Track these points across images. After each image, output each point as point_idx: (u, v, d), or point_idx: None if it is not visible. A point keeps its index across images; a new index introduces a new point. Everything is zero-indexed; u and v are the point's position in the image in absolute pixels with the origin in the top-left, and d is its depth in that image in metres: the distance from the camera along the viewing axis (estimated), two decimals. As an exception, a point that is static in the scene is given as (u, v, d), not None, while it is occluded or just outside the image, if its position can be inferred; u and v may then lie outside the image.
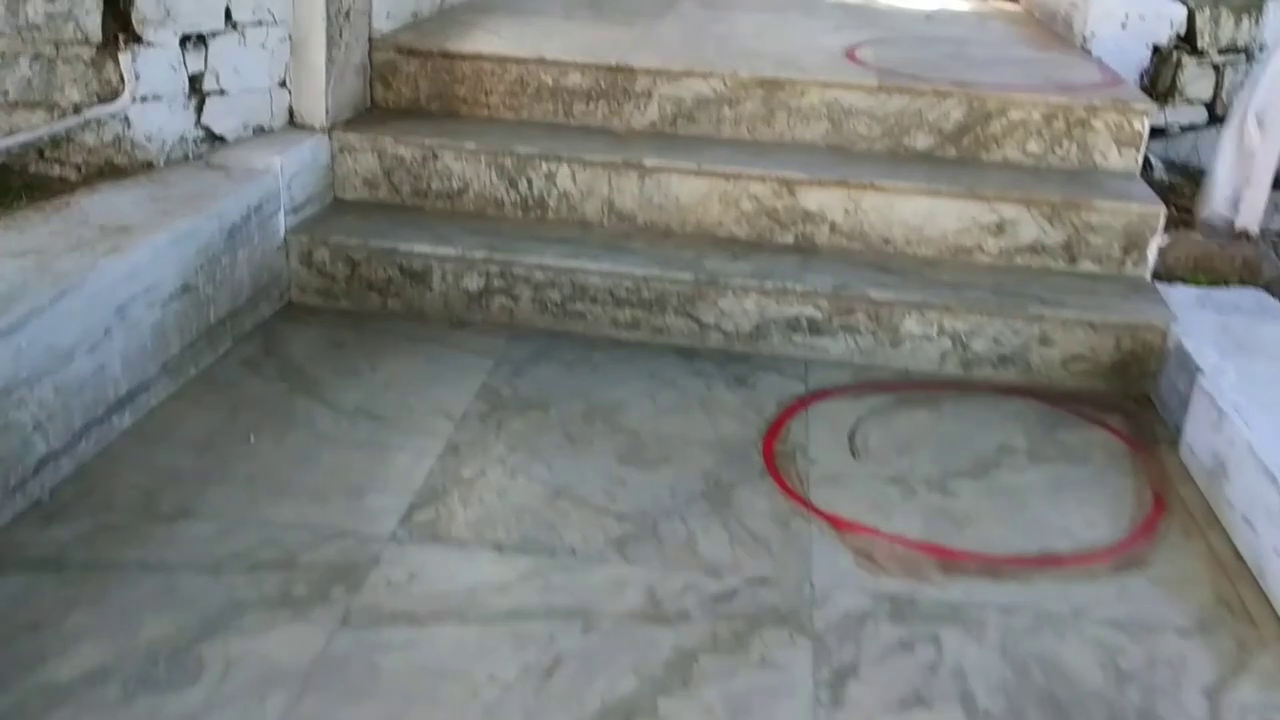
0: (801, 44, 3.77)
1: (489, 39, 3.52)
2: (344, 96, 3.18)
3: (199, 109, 2.82)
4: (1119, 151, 3.14)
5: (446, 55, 3.34)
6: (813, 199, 3.00)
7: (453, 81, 3.34)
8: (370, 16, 3.30)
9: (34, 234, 2.31)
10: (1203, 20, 3.92)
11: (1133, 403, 2.67)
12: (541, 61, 3.31)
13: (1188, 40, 3.92)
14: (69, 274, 2.13)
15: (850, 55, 3.61)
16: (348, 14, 3.13)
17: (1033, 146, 3.17)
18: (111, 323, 2.22)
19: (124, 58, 2.62)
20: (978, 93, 3.18)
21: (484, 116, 3.34)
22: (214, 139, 2.88)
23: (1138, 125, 3.12)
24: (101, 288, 2.19)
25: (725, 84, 3.25)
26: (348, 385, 2.54)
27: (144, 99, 2.68)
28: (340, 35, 3.10)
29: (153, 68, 2.67)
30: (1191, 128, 4.00)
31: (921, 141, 3.21)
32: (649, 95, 3.29)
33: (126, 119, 2.66)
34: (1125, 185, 3.05)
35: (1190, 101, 3.97)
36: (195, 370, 2.52)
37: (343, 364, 2.64)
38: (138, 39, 2.63)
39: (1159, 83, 3.93)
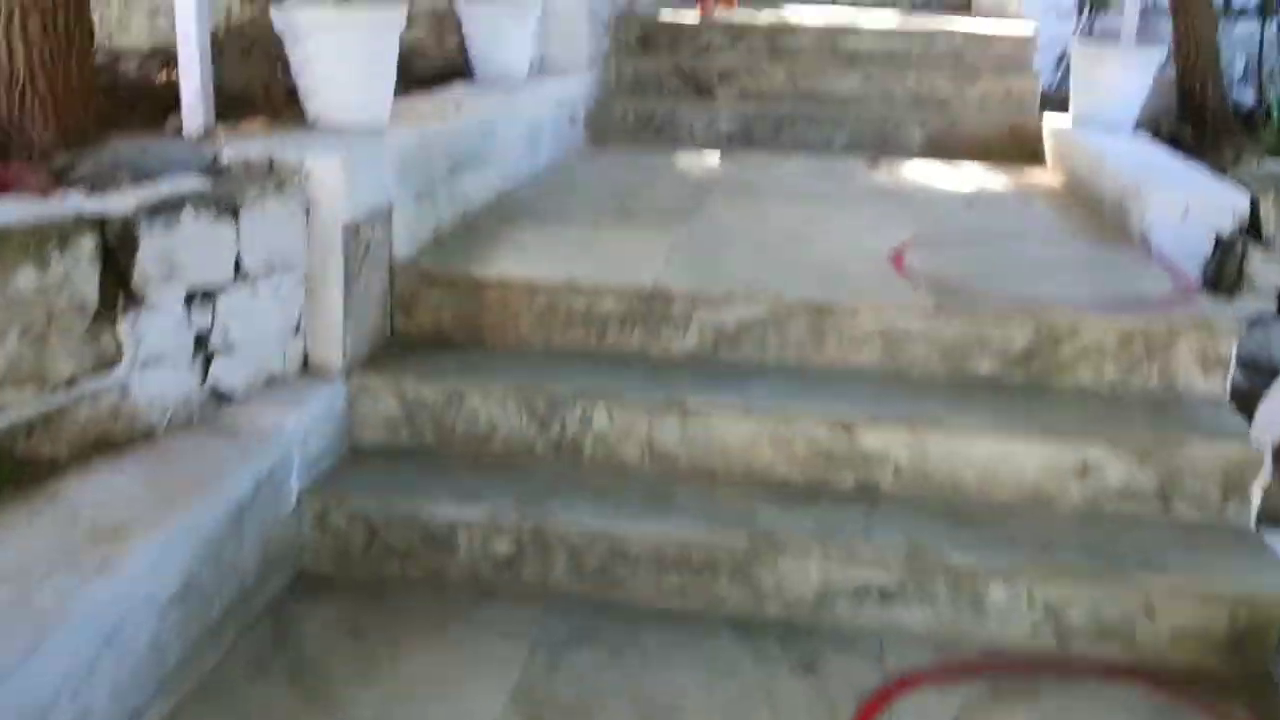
0: (843, 246, 3.57)
1: (515, 259, 3.31)
2: (363, 332, 2.96)
3: (205, 367, 2.60)
4: (1204, 376, 2.88)
5: (472, 282, 3.13)
6: (873, 440, 2.74)
7: (479, 309, 3.13)
8: (391, 244, 3.10)
9: (14, 544, 2.05)
10: (1267, 208, 3.71)
11: (1256, 683, 2.35)
12: (572, 286, 3.09)
13: (1252, 229, 3.71)
14: (50, 608, 1.86)
15: (896, 261, 3.40)
16: (367, 248, 2.93)
17: (1109, 371, 2.91)
18: (99, 654, 1.94)
19: (123, 323, 2.40)
20: (1044, 313, 2.94)
21: (512, 344, 3.12)
22: (221, 397, 2.65)
23: (1224, 348, 2.87)
24: (90, 616, 1.91)
25: (769, 308, 3.03)
26: (364, 688, 2.24)
27: (144, 364, 2.46)
28: (359, 273, 2.90)
29: (155, 330, 2.46)
30: (1261, 321, 3.75)
31: (986, 366, 2.96)
32: (688, 320, 3.06)
33: (124, 387, 2.44)
34: (1216, 416, 2.78)
35: (1258, 294, 3.74)
36: (195, 679, 2.23)
37: (359, 656, 2.35)
38: (139, 301, 2.42)
39: (1224, 275, 3.70)
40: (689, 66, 5.77)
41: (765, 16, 6.41)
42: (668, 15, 6.28)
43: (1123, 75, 4.83)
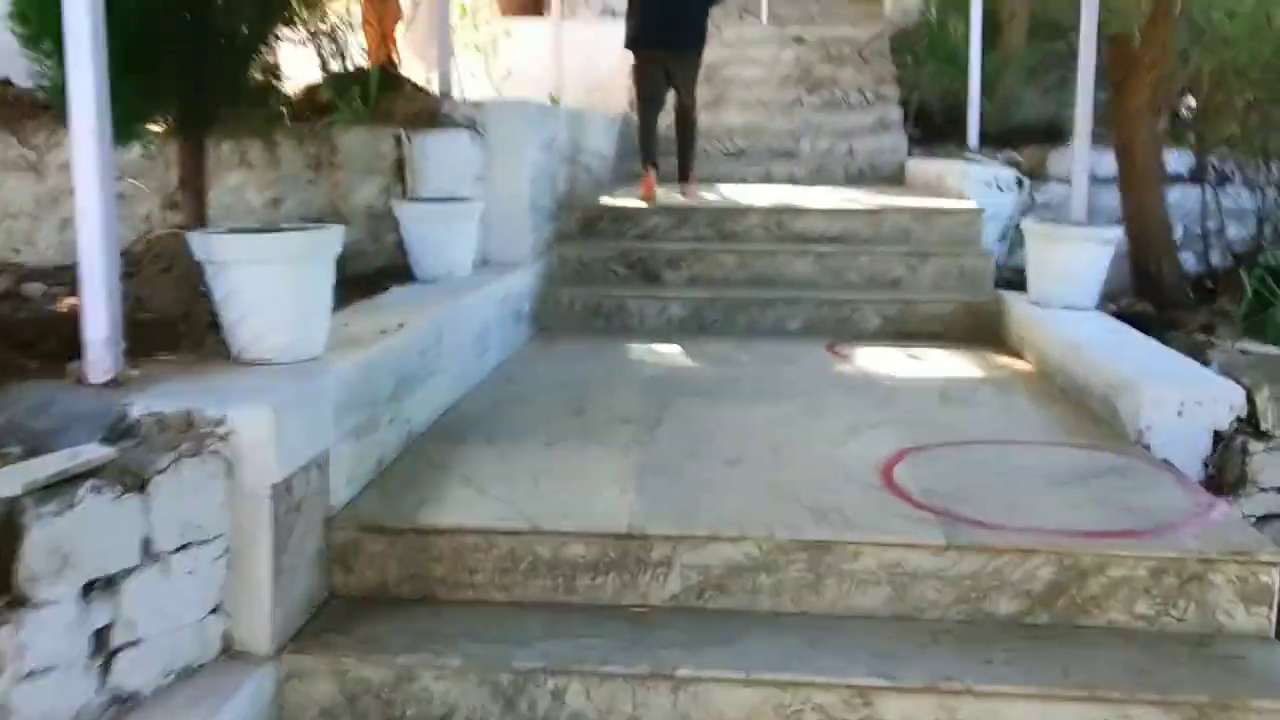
0: (825, 460, 3.27)
1: (468, 497, 2.95)
2: (295, 601, 2.56)
3: (105, 668, 2.17)
4: (1246, 610, 2.59)
5: (419, 531, 2.76)
6: (894, 709, 2.38)
7: (428, 561, 2.75)
8: (327, 492, 2.73)
9: None
10: (1263, 400, 3.53)
11: None
12: (534, 531, 2.74)
13: (1250, 422, 3.51)
14: None
15: (889, 479, 3.10)
16: (299, 505, 2.56)
17: (1141, 607, 2.61)
18: None
19: (3, 631, 1.98)
20: (1065, 545, 2.65)
21: (468, 600, 2.74)
22: (124, 701, 2.21)
23: (1265, 577, 2.60)
24: None
25: (760, 548, 2.70)
26: None
27: (30, 675, 2.02)
28: (290, 535, 2.52)
29: (43, 635, 2.03)
30: (1269, 517, 3.52)
31: (1006, 606, 2.64)
32: (668, 564, 2.71)
33: (3, 708, 2.00)
34: (1270, 661, 2.48)
35: (1264, 490, 3.52)
36: None
37: None
38: (23, 602, 2.01)
39: (1226, 471, 3.48)
40: (635, 252, 5.59)
41: (708, 198, 6.31)
42: (607, 199, 6.15)
43: (1081, 256, 4.72)
